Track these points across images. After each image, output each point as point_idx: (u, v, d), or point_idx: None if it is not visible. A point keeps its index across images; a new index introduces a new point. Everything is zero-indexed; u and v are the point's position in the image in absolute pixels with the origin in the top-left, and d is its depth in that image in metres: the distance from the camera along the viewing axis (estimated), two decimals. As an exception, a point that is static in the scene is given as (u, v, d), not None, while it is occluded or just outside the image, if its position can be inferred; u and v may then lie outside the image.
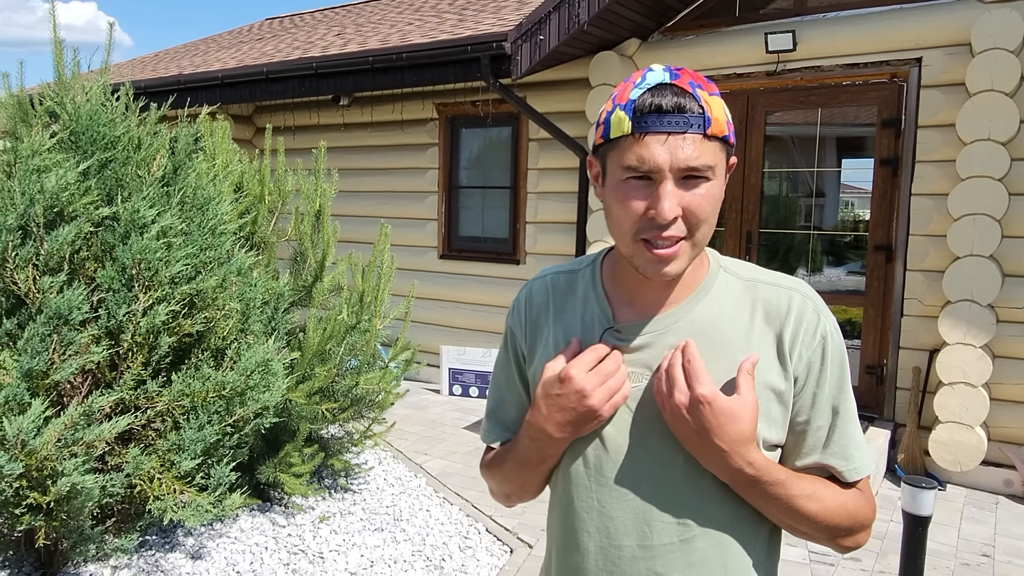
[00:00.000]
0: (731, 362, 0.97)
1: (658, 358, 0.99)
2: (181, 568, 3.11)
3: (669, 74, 0.93)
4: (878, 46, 4.56)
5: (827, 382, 0.99)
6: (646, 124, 0.90)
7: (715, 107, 0.92)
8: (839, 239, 5.14)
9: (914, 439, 4.46)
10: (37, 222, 2.50)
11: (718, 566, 0.98)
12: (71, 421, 2.36)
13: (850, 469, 1.00)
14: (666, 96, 0.90)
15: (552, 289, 1.11)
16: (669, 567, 0.98)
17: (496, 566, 3.34)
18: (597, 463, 1.01)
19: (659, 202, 0.90)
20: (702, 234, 0.93)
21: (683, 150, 0.89)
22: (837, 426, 0.99)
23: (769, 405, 0.97)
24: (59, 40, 3.59)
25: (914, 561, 2.44)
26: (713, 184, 0.92)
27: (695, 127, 0.90)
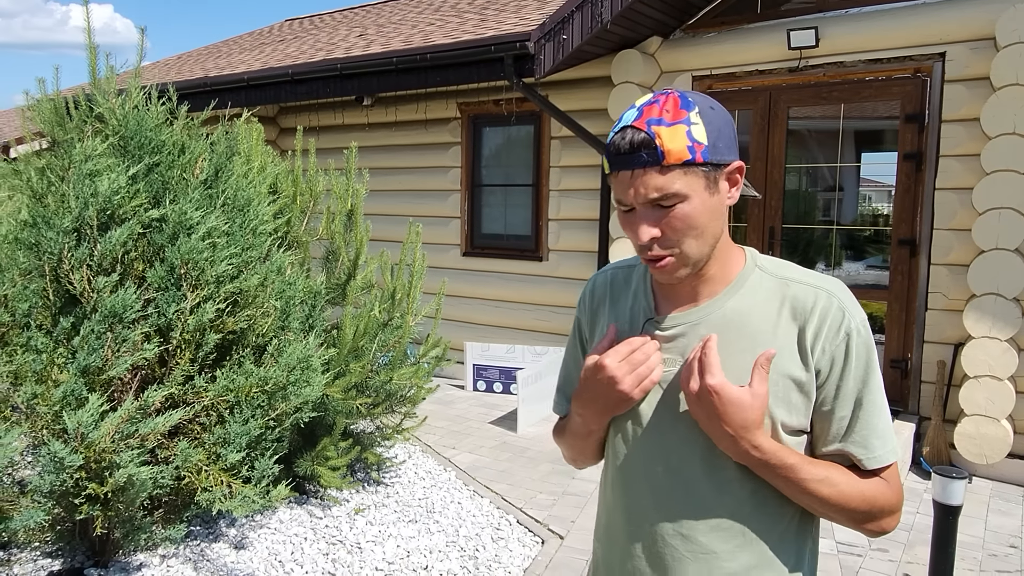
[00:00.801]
0: (754, 353, 1.07)
1: (691, 347, 1.10)
2: (226, 557, 3.22)
3: (636, 114, 1.03)
4: (901, 41, 4.58)
5: (851, 376, 1.06)
6: (614, 164, 1.04)
7: (671, 139, 1.00)
8: (860, 234, 5.17)
9: (939, 432, 4.49)
10: (91, 224, 2.61)
11: (738, 532, 1.08)
12: (128, 415, 2.46)
13: (869, 458, 1.06)
14: (624, 138, 1.02)
15: (611, 283, 1.25)
16: (695, 530, 1.09)
17: (529, 556, 3.42)
18: (635, 435, 1.15)
19: (636, 229, 1.05)
20: (688, 247, 1.05)
21: (644, 185, 1.02)
22: (860, 417, 1.06)
23: (789, 394, 1.06)
24: (94, 46, 3.71)
25: (944, 550, 2.49)
26: (688, 204, 1.02)
27: (650, 162, 1.00)
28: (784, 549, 1.11)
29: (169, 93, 3.11)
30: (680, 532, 1.10)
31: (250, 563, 3.19)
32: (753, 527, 1.09)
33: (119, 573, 2.99)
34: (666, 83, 5.46)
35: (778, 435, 1.07)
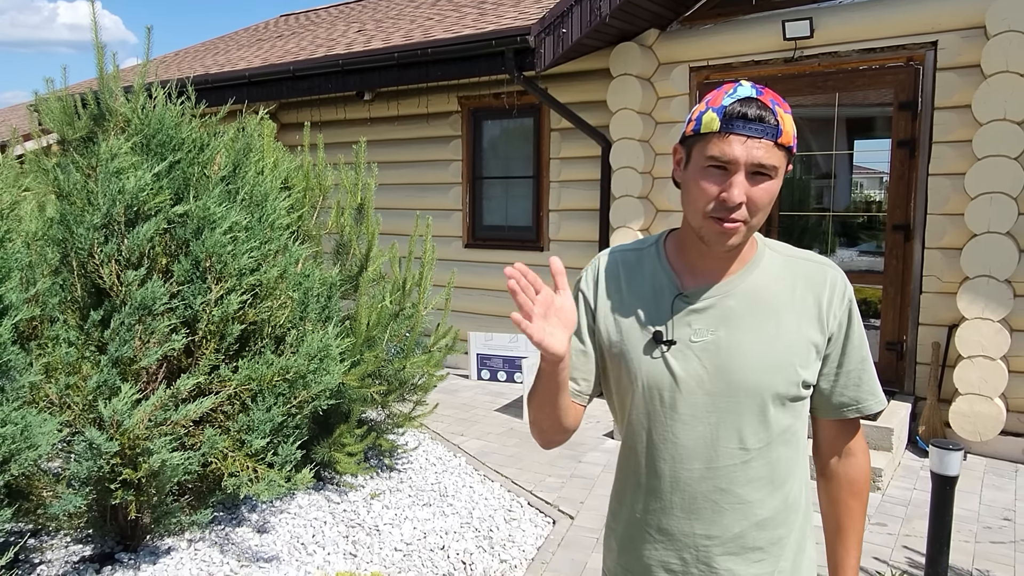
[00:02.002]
0: (777, 321, 1.21)
1: (720, 317, 1.22)
2: (250, 541, 3.33)
3: (755, 91, 1.16)
4: (894, 30, 4.69)
5: (854, 335, 1.25)
6: (732, 126, 1.13)
7: (787, 122, 1.15)
8: (855, 220, 5.29)
9: (934, 411, 4.63)
10: (119, 220, 2.70)
11: (767, 481, 1.23)
12: (160, 402, 2.57)
13: (877, 401, 1.29)
14: (751, 107, 1.13)
15: (623, 263, 1.33)
16: (732, 483, 1.22)
17: (541, 535, 3.54)
18: (672, 401, 1.23)
19: (731, 188, 1.13)
20: (757, 220, 1.16)
21: (757, 151, 1.12)
22: (866, 370, 1.27)
23: (809, 354, 1.22)
24: (101, 45, 3.79)
25: (942, 519, 2.61)
26: (773, 183, 1.15)
27: (769, 135, 1.13)
28: (799, 495, 1.27)
29: (188, 91, 3.20)
30: (720, 487, 1.22)
31: (273, 546, 3.30)
32: (779, 477, 1.24)
33: (148, 557, 3.10)
34: (664, 75, 5.56)
35: (800, 391, 1.22)
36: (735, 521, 1.22)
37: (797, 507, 1.26)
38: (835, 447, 1.32)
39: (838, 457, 1.32)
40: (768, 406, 1.20)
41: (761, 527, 1.23)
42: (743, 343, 1.20)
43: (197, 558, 3.15)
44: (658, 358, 1.24)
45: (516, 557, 3.32)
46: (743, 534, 1.22)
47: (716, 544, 1.22)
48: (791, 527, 1.25)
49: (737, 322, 1.21)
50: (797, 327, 1.21)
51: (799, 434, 1.26)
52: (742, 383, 1.20)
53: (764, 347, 1.20)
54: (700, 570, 1.23)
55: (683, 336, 1.23)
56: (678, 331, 1.23)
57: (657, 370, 1.24)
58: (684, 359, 1.22)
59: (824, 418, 1.31)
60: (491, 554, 3.33)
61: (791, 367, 1.20)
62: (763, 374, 1.19)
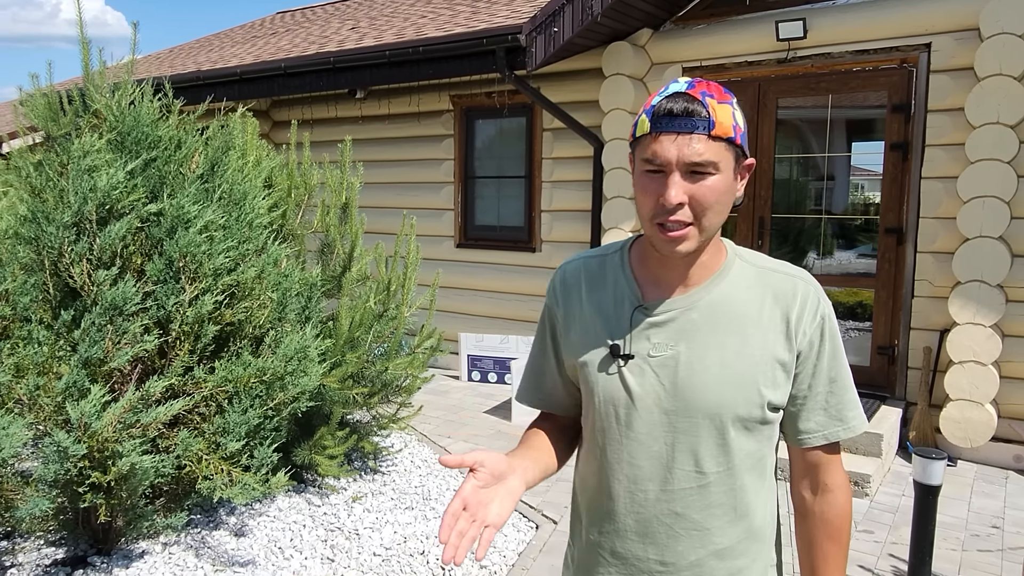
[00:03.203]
0: (743, 336, 1.13)
1: (681, 331, 1.15)
2: (226, 544, 3.28)
3: (687, 84, 1.09)
4: (888, 32, 4.64)
5: (825, 355, 1.16)
6: (660, 125, 1.07)
7: (721, 113, 1.07)
8: (849, 223, 5.24)
9: (925, 417, 4.58)
10: (90, 219, 2.65)
11: (728, 508, 1.15)
12: (129, 404, 2.52)
13: (844, 428, 1.18)
14: (678, 102, 1.06)
15: (584, 271, 1.27)
16: (688, 508, 1.15)
17: (523, 541, 3.49)
18: (627, 419, 1.17)
19: (667, 189, 1.06)
20: (708, 220, 1.08)
21: (689, 147, 1.05)
22: (834, 392, 1.17)
23: (776, 373, 1.13)
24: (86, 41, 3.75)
25: (924, 528, 2.57)
26: (718, 178, 1.07)
27: (700, 128, 1.05)
28: (764, 523, 1.19)
29: (165, 88, 3.15)
30: (674, 511, 1.15)
31: (250, 550, 3.26)
32: (742, 505, 1.16)
33: (122, 560, 3.06)
34: (656, 75, 5.51)
35: (765, 413, 1.13)
36: (691, 548, 1.15)
37: (761, 538, 1.19)
38: (808, 480, 1.21)
39: (812, 492, 1.21)
40: (728, 428, 1.13)
41: (720, 557, 1.16)
42: (704, 359, 1.13)
43: (171, 562, 3.10)
44: (614, 373, 1.17)
45: (497, 563, 3.27)
46: (700, 563, 1.15)
47: (671, 571, 1.16)
48: (754, 559, 1.18)
49: (698, 337, 1.14)
50: (763, 344, 1.13)
51: (765, 461, 1.18)
52: (700, 402, 1.13)
53: (725, 364, 1.12)
54: None
55: (641, 350, 1.16)
56: (636, 345, 1.16)
57: (613, 385, 1.17)
58: (641, 375, 1.16)
59: (793, 445, 1.21)
60: (471, 560, 3.28)
61: (753, 387, 1.12)
62: (723, 393, 1.12)
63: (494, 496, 1.05)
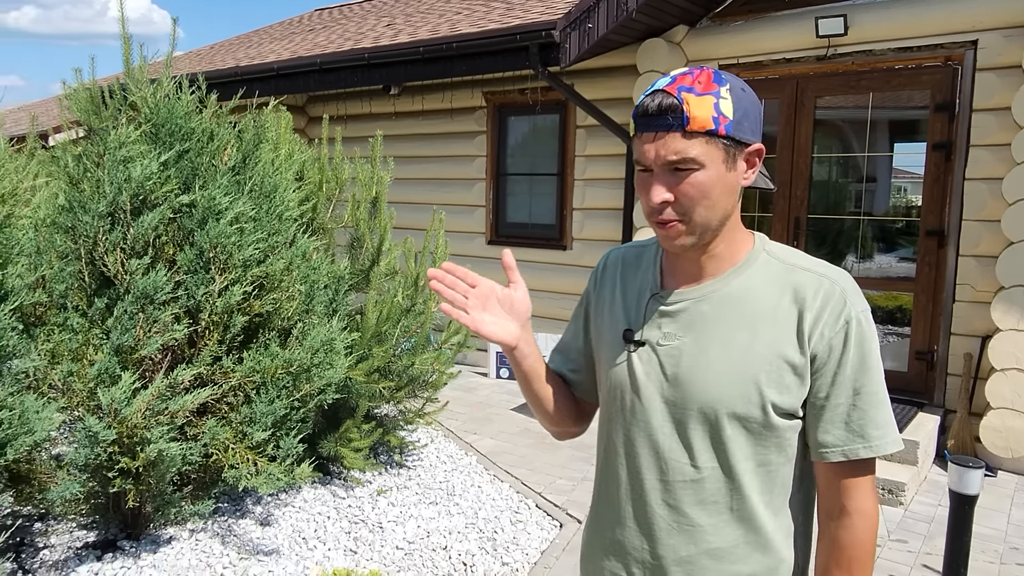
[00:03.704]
0: (753, 332, 1.09)
1: (690, 323, 1.13)
2: (252, 533, 3.32)
3: (669, 80, 1.07)
4: (932, 29, 4.51)
5: (848, 363, 1.06)
6: (640, 126, 1.07)
7: (698, 107, 1.03)
8: (889, 225, 5.11)
9: (964, 425, 4.44)
10: (124, 209, 2.70)
11: (724, 507, 1.11)
12: (158, 392, 2.56)
13: (865, 446, 1.06)
14: (654, 101, 1.05)
15: (623, 260, 1.29)
16: (680, 501, 1.13)
17: (547, 539, 3.47)
18: (631, 405, 1.17)
19: (650, 189, 1.08)
20: (699, 216, 1.06)
21: (665, 146, 1.04)
22: (857, 405, 1.06)
23: (783, 375, 1.07)
24: (128, 37, 3.82)
25: (959, 539, 2.49)
26: (704, 172, 1.04)
27: (675, 126, 1.03)
28: (775, 537, 1.12)
29: (199, 82, 3.20)
30: (668, 503, 1.13)
31: (275, 539, 3.29)
32: (740, 508, 1.10)
33: (150, 545, 3.11)
34: (692, 72, 5.43)
35: (769, 416, 1.07)
36: (683, 544, 1.13)
37: (771, 552, 1.12)
38: (828, 500, 1.11)
39: (830, 514, 1.11)
40: (722, 425, 1.08)
41: (714, 557, 1.12)
42: (706, 351, 1.11)
43: (197, 548, 3.15)
44: (624, 359, 1.18)
45: (519, 560, 3.25)
46: (691, 559, 1.12)
47: (661, 565, 1.15)
48: (756, 569, 1.12)
49: (706, 329, 1.12)
50: (772, 341, 1.08)
51: (773, 469, 1.10)
52: (696, 395, 1.10)
53: (727, 359, 1.08)
54: None
55: (652, 338, 1.15)
56: (648, 333, 1.16)
57: (622, 371, 1.18)
58: (647, 362, 1.15)
59: (813, 459, 1.12)
60: (493, 556, 3.27)
61: (751, 384, 1.07)
62: (719, 388, 1.08)
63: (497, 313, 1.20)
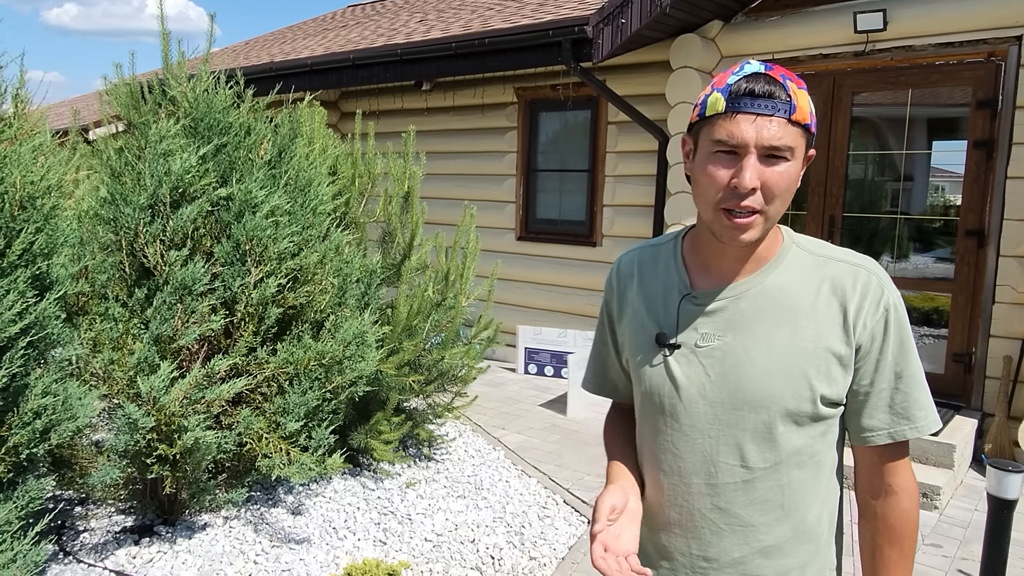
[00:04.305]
0: (794, 327, 1.08)
1: (729, 322, 1.11)
2: (284, 521, 3.38)
3: (764, 66, 1.05)
4: (974, 24, 4.41)
5: (889, 350, 1.08)
6: (739, 105, 1.01)
7: (801, 98, 1.03)
8: (926, 224, 5.01)
9: (1003, 429, 4.35)
10: (164, 201, 2.76)
11: (775, 505, 1.10)
12: (195, 381, 2.61)
13: (911, 427, 1.09)
14: (759, 83, 1.02)
15: (638, 262, 1.25)
16: (731, 503, 1.11)
17: (574, 535, 3.48)
18: (672, 410, 1.14)
19: (742, 172, 1.01)
20: (775, 209, 1.04)
21: (768, 130, 1.01)
22: (899, 389, 1.09)
23: (831, 367, 1.07)
24: (166, 33, 3.90)
25: (998, 545, 2.44)
26: (791, 165, 1.03)
27: (781, 111, 1.01)
28: (818, 523, 1.13)
29: (237, 77, 3.25)
30: (718, 506, 1.12)
31: (306, 528, 3.34)
32: (790, 503, 1.11)
33: (185, 531, 3.18)
34: (726, 68, 5.37)
35: (818, 408, 1.08)
36: (735, 545, 1.12)
37: (814, 539, 1.14)
38: (872, 482, 1.14)
39: (875, 494, 1.13)
40: (775, 423, 1.08)
41: (766, 555, 1.11)
42: (751, 350, 1.09)
43: (231, 535, 3.21)
44: (660, 363, 1.15)
45: (546, 555, 3.26)
46: (744, 560, 1.12)
47: (714, 568, 1.13)
48: (806, 561, 1.13)
49: (747, 327, 1.10)
50: (816, 335, 1.08)
51: (819, 458, 1.12)
52: (746, 395, 1.09)
53: (773, 356, 1.07)
54: None
55: (688, 340, 1.13)
56: (684, 335, 1.13)
57: (659, 375, 1.15)
58: (687, 365, 1.12)
59: (856, 444, 1.14)
60: (521, 550, 3.29)
61: (802, 380, 1.07)
62: (770, 386, 1.07)
63: (622, 527, 1.10)
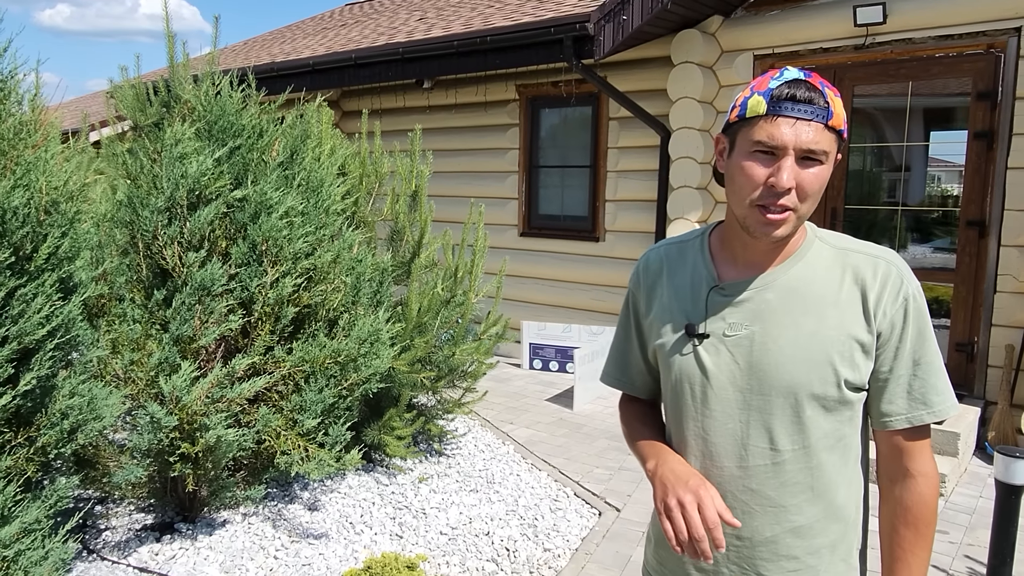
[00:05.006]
0: (819, 317, 1.14)
1: (756, 311, 1.17)
2: (301, 517, 3.43)
3: (804, 73, 1.11)
4: (974, 16, 4.45)
5: (909, 337, 1.14)
6: (780, 108, 1.08)
7: (837, 105, 1.10)
8: (926, 215, 5.07)
9: (1006, 417, 4.41)
10: (181, 204, 2.80)
11: (805, 487, 1.16)
12: (216, 380, 2.66)
13: (929, 412, 1.15)
14: (800, 89, 1.08)
15: (666, 257, 1.31)
16: (762, 485, 1.17)
17: (586, 527, 3.53)
18: (703, 396, 1.20)
19: (780, 172, 1.07)
20: (806, 208, 1.10)
21: (806, 134, 1.07)
22: (918, 375, 1.15)
23: (854, 354, 1.13)
24: (172, 35, 3.93)
25: (1006, 529, 2.50)
26: (823, 168, 1.10)
27: (819, 117, 1.07)
28: (847, 504, 1.19)
29: (249, 79, 3.28)
30: (750, 488, 1.17)
31: (323, 523, 3.39)
32: (820, 485, 1.16)
33: (206, 528, 3.23)
34: (726, 63, 5.42)
35: (843, 392, 1.14)
36: (766, 525, 1.17)
37: (843, 519, 1.19)
38: (891, 466, 1.19)
39: (893, 479, 1.19)
40: (803, 407, 1.14)
41: (797, 534, 1.17)
42: (778, 338, 1.15)
43: (251, 531, 3.25)
44: (689, 352, 1.21)
45: (560, 546, 3.32)
46: (775, 539, 1.17)
47: (746, 546, 1.19)
48: (835, 540, 1.19)
49: (773, 316, 1.16)
50: (839, 323, 1.13)
51: (847, 441, 1.18)
52: (774, 380, 1.14)
53: (799, 343, 1.13)
54: (731, 570, 1.20)
55: (717, 330, 1.19)
56: (712, 325, 1.19)
57: (689, 364, 1.21)
58: (716, 353, 1.18)
59: (876, 428, 1.19)
60: (535, 542, 3.34)
61: (827, 365, 1.13)
62: (797, 372, 1.13)
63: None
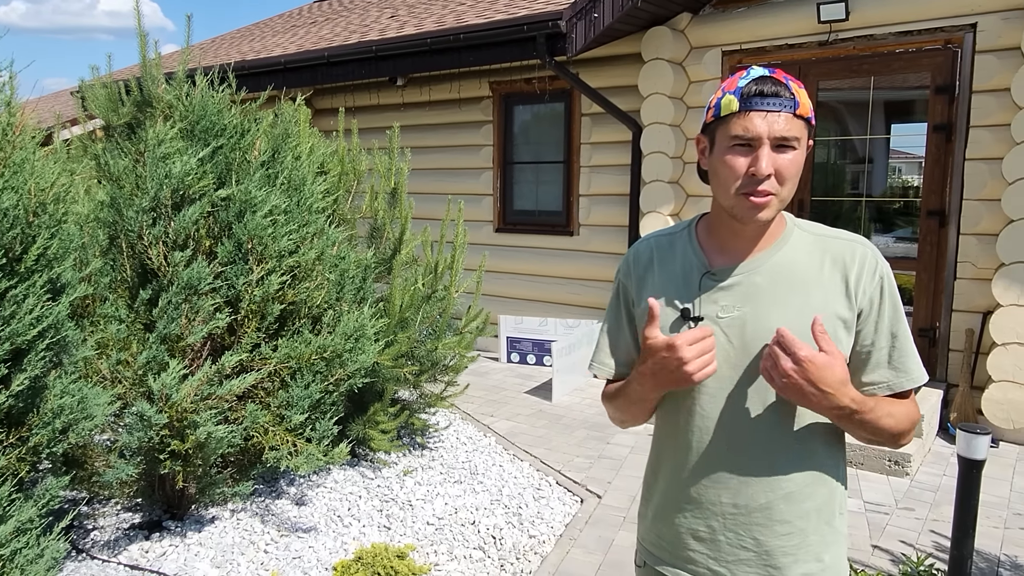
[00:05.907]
0: (804, 296, 1.24)
1: (746, 294, 1.27)
2: (289, 512, 3.47)
3: (768, 70, 1.22)
4: (932, 13, 4.62)
5: (886, 312, 1.26)
6: (751, 103, 1.19)
7: (802, 95, 1.22)
8: (888, 206, 5.24)
9: (967, 398, 4.60)
10: (165, 204, 2.82)
11: (795, 454, 1.27)
12: (206, 377, 2.69)
13: (910, 379, 1.27)
14: (767, 84, 1.20)
15: (656, 248, 1.40)
16: (757, 455, 1.27)
17: (569, 513, 3.62)
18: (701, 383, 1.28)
19: (759, 161, 1.19)
20: (786, 191, 1.22)
21: (778, 123, 1.19)
22: (896, 347, 1.26)
23: (837, 331, 1.24)
24: (143, 34, 3.93)
25: (968, 503, 2.63)
26: (797, 153, 1.21)
27: (787, 108, 1.19)
28: (831, 467, 1.30)
29: (229, 79, 3.31)
30: (745, 458, 1.27)
31: (311, 517, 3.43)
32: (808, 450, 1.27)
33: (194, 525, 3.25)
34: (696, 59, 5.54)
35: None
36: (761, 492, 1.26)
37: (827, 481, 1.29)
38: None
39: None
40: None
41: (789, 500, 1.26)
42: (769, 317, 1.24)
43: (239, 527, 3.29)
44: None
45: (544, 533, 3.40)
46: (769, 505, 1.26)
47: (742, 513, 1.27)
48: (819, 502, 1.28)
49: (763, 298, 1.25)
50: (824, 302, 1.24)
51: None
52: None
53: (788, 322, 1.22)
54: (727, 538, 1.29)
55: (710, 313, 1.28)
56: (705, 308, 1.28)
57: None
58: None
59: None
60: (520, 530, 3.42)
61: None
62: None
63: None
